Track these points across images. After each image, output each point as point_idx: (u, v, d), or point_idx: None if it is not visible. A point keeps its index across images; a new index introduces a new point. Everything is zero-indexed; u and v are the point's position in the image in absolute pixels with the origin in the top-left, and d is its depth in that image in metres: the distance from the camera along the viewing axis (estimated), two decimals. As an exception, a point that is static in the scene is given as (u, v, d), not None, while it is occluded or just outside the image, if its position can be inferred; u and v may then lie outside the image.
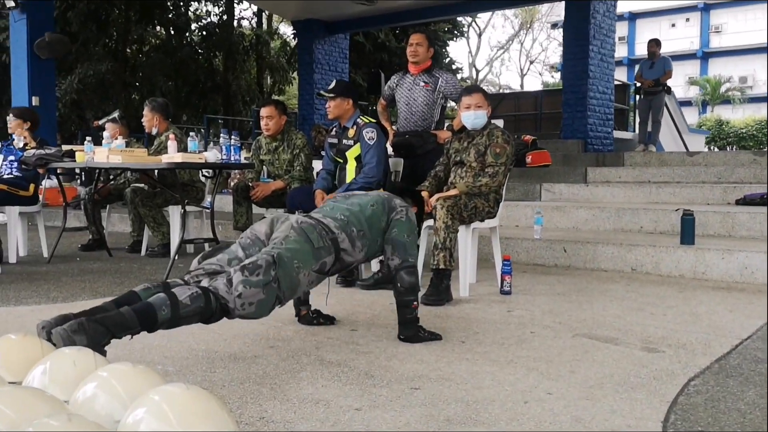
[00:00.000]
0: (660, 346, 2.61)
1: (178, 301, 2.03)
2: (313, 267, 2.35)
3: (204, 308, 2.07)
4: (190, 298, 2.05)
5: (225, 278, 2.15)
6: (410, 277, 2.58)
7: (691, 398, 2.04)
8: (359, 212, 2.57)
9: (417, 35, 4.57)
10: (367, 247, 2.56)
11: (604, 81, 9.94)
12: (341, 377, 2.18)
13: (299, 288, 2.33)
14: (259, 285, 2.15)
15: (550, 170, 8.03)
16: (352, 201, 2.65)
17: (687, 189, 6.38)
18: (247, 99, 17.01)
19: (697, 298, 3.60)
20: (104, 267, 4.57)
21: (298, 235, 2.35)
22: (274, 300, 2.22)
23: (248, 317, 2.19)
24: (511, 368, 2.31)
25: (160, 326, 2.02)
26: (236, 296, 2.12)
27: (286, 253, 2.27)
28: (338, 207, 2.59)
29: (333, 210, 2.57)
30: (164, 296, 2.03)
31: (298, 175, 4.73)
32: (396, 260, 2.60)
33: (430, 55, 4.61)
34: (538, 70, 40.86)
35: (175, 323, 2.05)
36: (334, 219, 2.50)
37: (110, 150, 4.16)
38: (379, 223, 2.60)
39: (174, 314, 2.01)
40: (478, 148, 3.75)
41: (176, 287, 2.11)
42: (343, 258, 2.47)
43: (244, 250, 2.39)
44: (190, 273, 2.31)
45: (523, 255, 4.88)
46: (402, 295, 2.60)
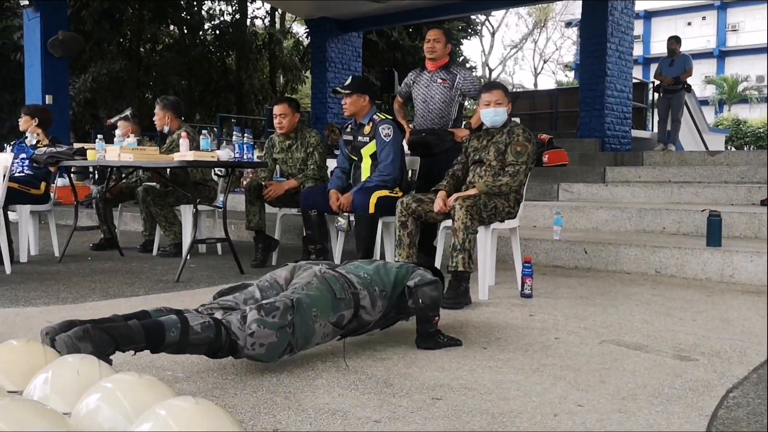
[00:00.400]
0: (693, 354, 2.49)
1: (189, 326, 1.94)
2: (331, 318, 2.26)
3: (213, 340, 1.98)
4: (201, 326, 1.96)
5: (239, 314, 2.07)
6: (433, 292, 2.47)
7: (732, 412, 1.92)
8: (384, 274, 2.49)
9: (434, 31, 4.48)
10: (386, 309, 2.47)
11: (622, 79, 9.78)
12: (359, 386, 2.08)
13: (313, 339, 2.24)
14: (274, 327, 2.07)
15: (568, 170, 7.90)
16: (378, 263, 2.58)
17: (710, 189, 6.22)
18: (260, 98, 16.97)
19: (727, 303, 3.46)
20: (115, 267, 4.50)
21: (320, 283, 2.28)
22: (286, 345, 2.13)
23: (256, 359, 2.11)
24: (537, 377, 2.20)
25: (165, 348, 1.93)
26: (248, 334, 2.03)
27: (305, 299, 2.19)
28: (362, 266, 2.51)
29: (357, 268, 2.49)
30: (176, 318, 1.95)
31: (311, 174, 4.64)
32: (416, 279, 2.49)
33: (447, 52, 4.50)
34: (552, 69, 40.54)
35: (181, 349, 1.96)
36: (357, 276, 2.42)
37: (122, 148, 4.09)
38: (402, 285, 2.51)
39: (182, 339, 1.92)
40: (498, 147, 3.63)
41: (189, 313, 2.03)
42: (361, 316, 2.38)
43: (261, 292, 2.32)
44: (204, 306, 2.23)
45: (542, 256, 4.75)
46: (424, 311, 2.49)
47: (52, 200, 4.98)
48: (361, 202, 4.00)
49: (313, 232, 4.35)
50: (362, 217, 4.00)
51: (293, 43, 19.77)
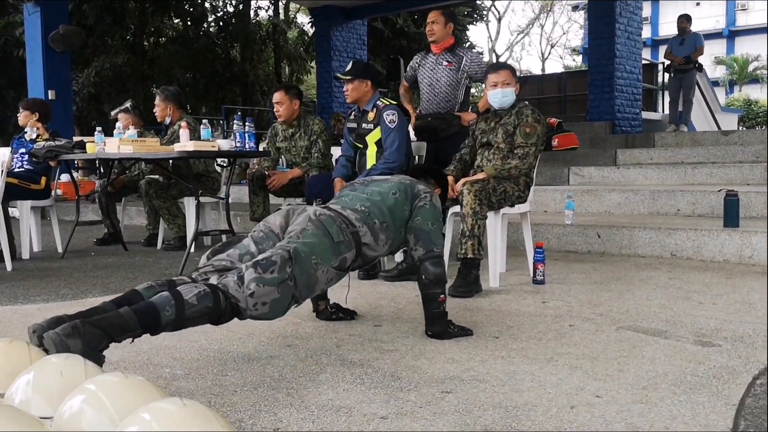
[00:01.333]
0: (715, 339, 2.37)
1: (184, 301, 1.83)
2: (333, 263, 2.15)
3: (212, 308, 1.87)
4: (197, 297, 1.85)
5: (236, 275, 1.95)
6: (436, 268, 2.37)
7: (760, 400, 1.81)
8: (381, 202, 2.36)
9: (432, 13, 4.38)
10: (390, 240, 2.36)
11: (632, 60, 9.60)
12: (364, 380, 1.98)
13: (317, 286, 2.13)
14: (274, 283, 1.95)
15: (578, 153, 7.73)
16: (373, 189, 2.43)
17: (724, 169, 6.08)
18: (265, 89, 16.84)
19: (747, 285, 3.34)
20: (118, 262, 4.42)
21: (316, 228, 2.15)
22: (290, 299, 2.02)
23: (261, 318, 2.00)
24: (552, 367, 2.09)
25: (164, 328, 1.83)
26: (248, 295, 1.92)
27: (303, 247, 2.07)
28: (358, 197, 2.38)
29: (353, 201, 2.36)
30: (168, 295, 1.84)
31: (316, 163, 4.54)
32: (420, 250, 2.39)
33: (449, 31, 4.37)
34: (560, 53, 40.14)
35: (180, 325, 1.86)
36: (354, 211, 2.30)
37: (121, 140, 4.00)
38: (402, 212, 2.40)
39: (179, 315, 1.82)
40: (506, 128, 3.51)
41: (182, 285, 1.92)
42: (365, 253, 2.27)
43: (256, 244, 2.19)
44: (199, 270, 2.11)
45: (554, 241, 4.64)
46: (427, 288, 2.39)
47: (54, 195, 4.90)
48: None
49: (318, 221, 4.25)
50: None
51: (298, 33, 19.62)
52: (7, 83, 13.16)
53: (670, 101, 9.66)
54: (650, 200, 5.26)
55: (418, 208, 2.43)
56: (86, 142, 4.36)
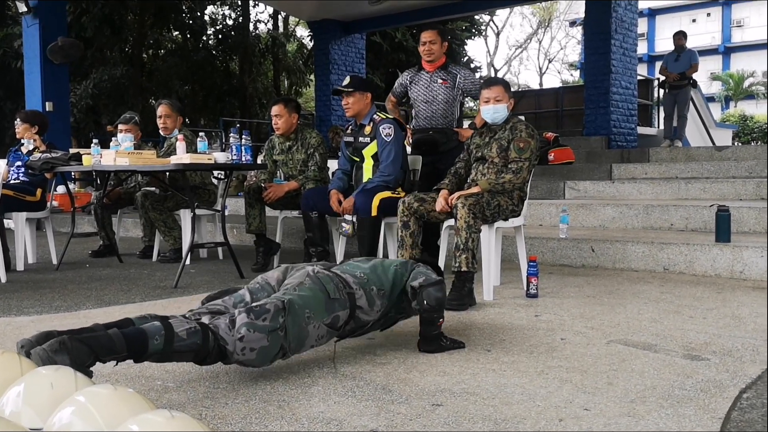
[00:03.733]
0: (703, 353, 2.39)
1: (174, 333, 1.85)
2: (325, 320, 2.17)
3: (200, 346, 1.89)
4: (187, 332, 1.87)
5: (228, 318, 1.97)
6: (438, 293, 2.39)
7: (746, 414, 1.83)
8: (381, 273, 2.41)
9: (428, 32, 4.41)
10: (385, 308, 2.38)
11: (627, 76, 9.68)
12: (356, 392, 1.99)
13: (307, 341, 2.14)
14: (265, 330, 1.97)
15: (574, 167, 7.81)
16: (375, 262, 2.49)
17: (717, 184, 6.11)
18: (263, 102, 16.93)
19: (737, 300, 3.36)
20: (113, 274, 4.43)
21: (313, 283, 2.20)
22: (278, 350, 2.04)
23: (246, 364, 2.01)
24: (542, 380, 2.11)
25: (149, 357, 1.83)
26: (237, 338, 1.94)
27: (298, 300, 2.10)
28: (359, 266, 2.43)
29: (353, 268, 2.41)
30: (160, 325, 1.85)
31: (312, 176, 4.56)
32: (420, 279, 2.41)
33: (444, 50, 4.44)
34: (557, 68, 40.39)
35: (166, 357, 1.87)
36: (353, 275, 2.34)
37: (117, 153, 4.03)
38: (401, 282, 2.43)
39: (167, 346, 1.83)
40: (500, 143, 3.55)
41: (174, 319, 1.94)
42: (359, 316, 2.29)
43: (251, 294, 2.23)
44: (192, 311, 2.13)
45: (548, 255, 4.66)
46: (428, 312, 2.40)
47: (50, 207, 4.91)
48: (363, 205, 3.91)
49: (314, 234, 4.27)
50: (365, 219, 3.91)
51: (297, 46, 19.75)
52: (5, 94, 13.22)
53: (665, 117, 9.74)
54: (644, 215, 5.29)
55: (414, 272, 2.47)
56: (82, 154, 4.38)
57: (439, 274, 2.54)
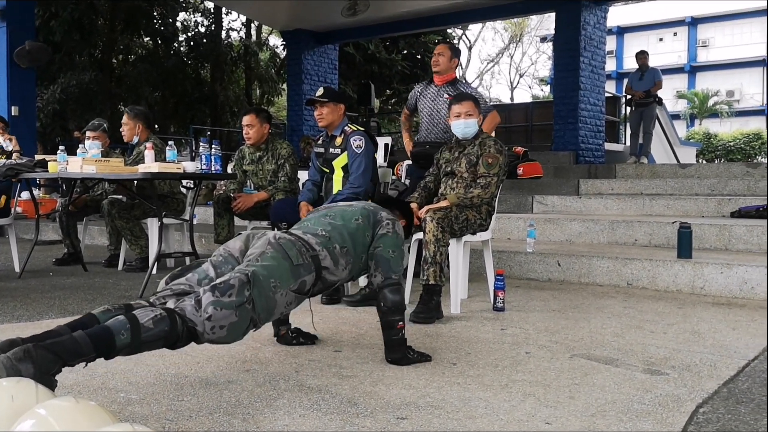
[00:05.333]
0: (663, 368, 2.45)
1: (140, 325, 1.82)
2: (292, 286, 2.16)
3: (169, 332, 1.87)
4: (153, 321, 1.85)
5: (193, 299, 1.95)
6: (394, 295, 2.41)
7: (702, 428, 1.88)
8: (342, 227, 2.40)
9: (440, 45, 4.60)
10: (351, 265, 2.39)
11: (595, 93, 9.87)
12: (321, 405, 2.00)
13: (276, 309, 2.14)
14: (232, 306, 1.96)
15: (542, 182, 7.92)
16: (335, 214, 2.47)
17: (681, 201, 6.27)
18: (235, 110, 16.82)
19: (698, 315, 3.45)
20: (77, 282, 4.36)
21: (275, 251, 2.17)
22: (248, 323, 2.02)
23: (219, 342, 1.99)
24: (506, 394, 2.14)
25: (118, 352, 1.81)
26: (205, 318, 1.92)
27: (261, 270, 2.08)
28: (320, 222, 2.41)
29: (314, 225, 2.39)
30: (124, 319, 1.83)
31: (282, 186, 4.55)
32: (379, 277, 2.42)
33: (453, 66, 4.56)
34: (528, 83, 40.97)
35: (136, 349, 1.85)
36: (315, 235, 2.32)
37: (84, 160, 3.97)
38: (363, 238, 2.43)
39: (134, 339, 1.81)
40: (469, 158, 3.59)
41: (138, 309, 1.91)
42: (325, 277, 2.29)
43: (215, 268, 2.19)
44: (156, 294, 2.11)
45: (516, 269, 4.72)
46: (386, 315, 2.42)
47: (13, 213, 4.82)
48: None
49: (283, 245, 4.26)
50: (333, 230, 3.92)
51: (269, 55, 19.71)
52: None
53: (631, 134, 9.95)
54: (609, 230, 5.39)
55: (380, 236, 2.46)
56: (48, 160, 4.31)
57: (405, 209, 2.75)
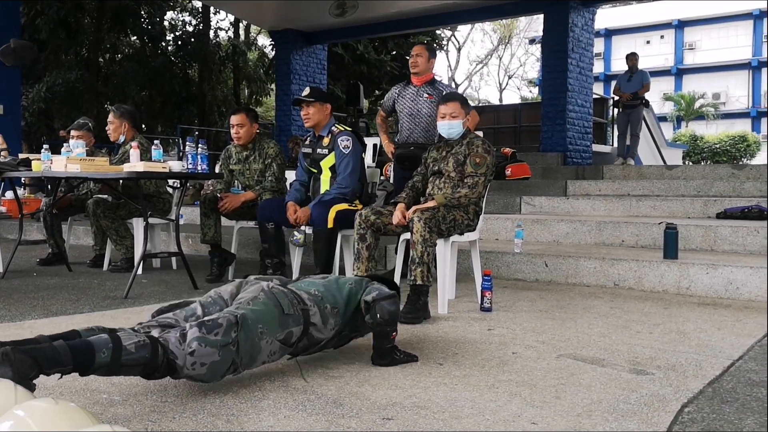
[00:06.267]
0: (648, 368, 2.46)
1: (122, 346, 1.80)
2: (278, 336, 2.15)
3: (149, 360, 1.84)
4: (135, 345, 1.83)
5: (179, 332, 1.94)
6: (391, 306, 2.39)
7: (687, 427, 1.88)
8: (336, 290, 2.41)
9: (417, 47, 4.60)
10: (339, 327, 2.38)
11: (583, 94, 9.91)
12: (307, 406, 1.98)
13: (259, 357, 2.12)
14: (216, 345, 1.94)
15: (530, 183, 7.95)
16: (330, 280, 2.50)
17: (667, 202, 6.31)
18: (223, 110, 16.75)
19: (683, 315, 3.46)
20: (62, 283, 4.31)
21: (267, 298, 2.18)
22: (229, 365, 2.01)
23: (196, 379, 1.98)
24: (493, 394, 2.14)
25: (95, 370, 1.78)
26: (188, 353, 1.90)
27: (251, 314, 2.08)
28: (313, 283, 2.43)
29: (308, 285, 2.41)
30: (107, 338, 1.81)
31: (269, 186, 4.53)
32: (373, 293, 2.41)
33: (431, 67, 4.57)
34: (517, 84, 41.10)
35: (113, 370, 1.82)
36: (307, 292, 2.33)
37: (69, 159, 3.93)
38: (355, 300, 2.43)
39: (114, 359, 1.78)
40: (457, 158, 3.59)
41: (122, 332, 1.89)
42: (312, 333, 2.28)
43: (203, 308, 2.20)
44: (141, 324, 2.09)
45: (503, 269, 4.72)
46: (382, 326, 2.41)
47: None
48: (319, 216, 3.91)
49: (270, 245, 4.25)
50: (321, 231, 3.91)
51: (258, 55, 19.64)
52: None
53: (619, 135, 10.02)
54: (597, 231, 5.41)
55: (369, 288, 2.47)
56: (32, 159, 4.26)
57: (394, 289, 2.55)
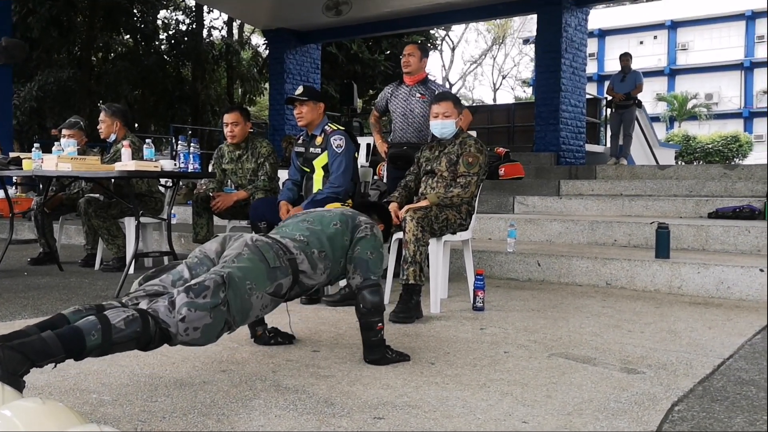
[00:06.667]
0: (639, 367, 2.46)
1: (111, 325, 1.79)
2: (268, 289, 2.13)
3: (141, 333, 1.83)
4: (124, 321, 1.81)
5: (167, 300, 1.92)
6: (373, 296, 2.39)
7: (677, 426, 1.89)
8: (320, 231, 2.38)
9: (409, 46, 4.58)
10: (329, 270, 2.37)
11: (576, 94, 9.93)
12: (298, 405, 1.98)
13: (251, 312, 2.11)
14: (206, 308, 1.92)
15: (523, 183, 7.96)
16: (313, 219, 2.46)
17: (659, 202, 6.33)
18: (216, 109, 16.71)
19: (674, 314, 3.47)
20: (52, 282, 4.29)
21: (252, 253, 2.15)
22: (223, 325, 1.99)
23: (192, 344, 1.96)
24: (484, 393, 2.14)
25: (89, 353, 1.77)
26: (179, 320, 1.89)
27: (237, 272, 2.05)
28: (298, 226, 2.40)
29: (292, 230, 2.37)
30: (95, 320, 1.79)
31: (262, 185, 4.52)
32: (357, 279, 2.41)
33: (423, 66, 4.57)
34: (511, 84, 41.21)
35: (107, 350, 1.81)
36: (292, 239, 2.31)
37: (60, 158, 3.91)
38: (342, 241, 2.41)
39: (105, 340, 1.77)
40: (449, 157, 3.59)
41: (110, 310, 1.88)
42: (303, 281, 2.27)
43: (190, 270, 2.16)
44: (129, 295, 2.07)
45: (496, 269, 4.73)
46: (366, 317, 2.41)
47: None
48: (311, 215, 3.90)
49: (262, 245, 4.23)
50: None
51: (251, 54, 19.60)
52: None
53: (612, 135, 10.03)
54: (589, 230, 5.43)
55: (359, 239, 2.45)
56: (23, 158, 4.24)
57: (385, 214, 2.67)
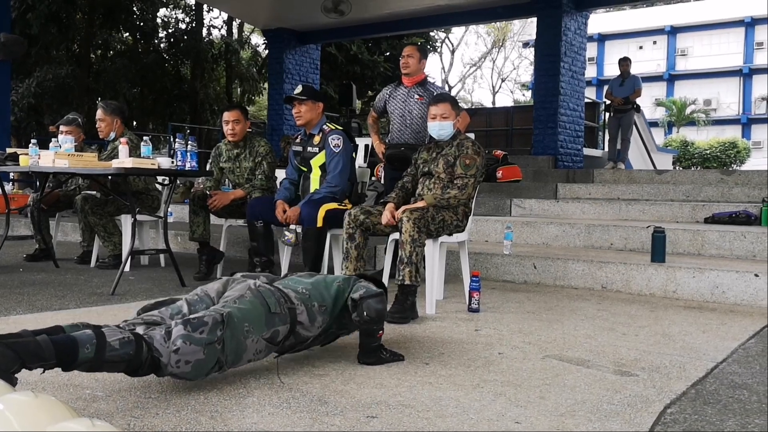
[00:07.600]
0: (633, 369, 2.47)
1: (106, 342, 1.79)
2: (264, 334, 2.14)
3: (132, 356, 1.83)
4: (119, 342, 1.82)
5: (164, 329, 1.93)
6: (378, 305, 2.39)
7: (669, 428, 1.89)
8: (324, 288, 2.40)
9: (408, 47, 4.59)
10: (327, 325, 2.37)
11: (575, 98, 9.95)
12: (291, 404, 1.98)
13: (245, 355, 2.11)
14: (201, 343, 1.93)
15: (521, 186, 7.98)
16: (318, 277, 2.49)
17: (656, 206, 6.34)
18: (215, 108, 16.71)
19: (669, 318, 3.48)
20: (48, 279, 4.28)
21: (254, 296, 2.17)
22: (214, 363, 2.00)
23: (180, 377, 1.97)
24: (477, 393, 2.14)
25: (78, 365, 1.77)
26: (173, 350, 1.89)
27: (237, 313, 2.07)
28: (301, 281, 2.42)
29: (295, 283, 2.40)
30: (92, 334, 1.79)
31: (259, 184, 4.52)
32: (360, 291, 2.41)
33: (422, 68, 4.57)
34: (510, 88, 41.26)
35: (96, 366, 1.81)
36: (294, 291, 2.32)
37: (57, 154, 3.91)
38: (343, 299, 2.43)
39: (98, 355, 1.77)
40: (447, 159, 3.60)
41: (107, 328, 1.88)
42: (299, 332, 2.28)
43: (189, 306, 2.18)
44: (126, 322, 2.07)
45: (492, 271, 4.74)
46: (368, 324, 2.40)
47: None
48: (308, 215, 3.91)
49: (259, 244, 4.24)
50: (310, 230, 3.91)
51: (251, 53, 19.61)
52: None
53: (610, 139, 10.06)
54: (586, 234, 5.43)
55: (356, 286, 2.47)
56: (20, 154, 4.23)
57: (381, 287, 2.54)
